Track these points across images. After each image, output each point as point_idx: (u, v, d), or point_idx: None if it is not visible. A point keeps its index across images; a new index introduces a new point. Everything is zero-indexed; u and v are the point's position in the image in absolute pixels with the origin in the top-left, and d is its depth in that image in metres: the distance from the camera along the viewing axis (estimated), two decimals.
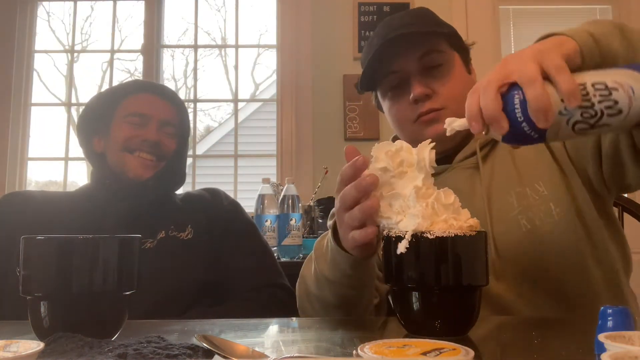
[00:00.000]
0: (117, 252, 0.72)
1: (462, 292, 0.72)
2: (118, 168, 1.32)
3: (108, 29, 3.31)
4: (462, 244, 0.70)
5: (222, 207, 1.37)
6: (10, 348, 0.52)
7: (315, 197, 2.52)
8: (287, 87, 3.04)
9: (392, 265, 0.73)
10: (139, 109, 1.34)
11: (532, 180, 1.05)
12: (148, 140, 1.30)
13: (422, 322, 0.72)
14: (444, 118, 0.90)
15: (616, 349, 0.48)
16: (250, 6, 3.50)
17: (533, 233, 1.01)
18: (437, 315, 0.71)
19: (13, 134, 3.03)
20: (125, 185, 1.29)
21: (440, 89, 1.08)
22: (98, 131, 1.37)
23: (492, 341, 0.79)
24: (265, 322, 0.91)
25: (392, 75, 1.10)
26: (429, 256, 0.70)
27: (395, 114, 1.12)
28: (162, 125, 1.34)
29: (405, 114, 1.10)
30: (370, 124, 2.92)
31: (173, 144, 1.36)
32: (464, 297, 0.72)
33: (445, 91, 1.08)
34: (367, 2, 3.01)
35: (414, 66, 1.09)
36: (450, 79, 1.10)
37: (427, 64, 1.09)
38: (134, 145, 1.31)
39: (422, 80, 1.08)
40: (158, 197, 1.31)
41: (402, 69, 1.09)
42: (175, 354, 0.57)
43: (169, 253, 1.25)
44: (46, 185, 4.41)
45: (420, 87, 1.07)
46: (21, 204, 1.30)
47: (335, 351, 0.67)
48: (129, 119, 1.33)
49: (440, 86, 1.08)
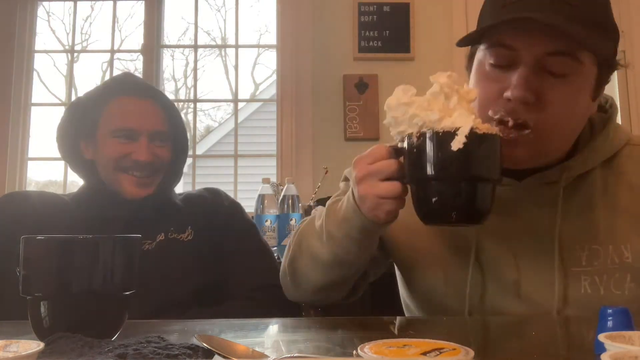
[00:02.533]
0: (117, 252, 0.72)
1: (494, 183, 0.79)
2: (113, 186, 1.27)
3: (108, 29, 3.32)
4: (498, 143, 0.77)
5: (222, 207, 1.36)
6: (10, 348, 0.53)
7: (315, 197, 2.52)
8: (287, 87, 3.04)
9: (444, 159, 0.76)
10: (125, 122, 1.25)
11: (620, 240, 0.90)
12: (140, 161, 1.24)
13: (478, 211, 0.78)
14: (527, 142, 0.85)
15: (616, 349, 0.48)
16: (250, 6, 3.50)
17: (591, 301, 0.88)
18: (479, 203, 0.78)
19: (13, 134, 3.03)
20: (123, 201, 1.26)
21: (547, 98, 0.85)
22: (84, 135, 1.30)
23: (492, 341, 0.79)
24: (265, 322, 0.91)
25: (503, 48, 0.86)
26: (482, 151, 0.75)
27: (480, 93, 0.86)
28: (153, 138, 1.26)
29: (488, 101, 0.87)
30: (370, 124, 2.92)
31: (167, 153, 1.29)
32: (489, 188, 0.78)
33: (552, 108, 0.85)
34: (367, 2, 3.01)
35: (532, 57, 0.84)
36: (567, 96, 0.86)
37: (550, 66, 0.85)
38: (126, 165, 1.25)
39: (533, 79, 0.84)
40: (157, 203, 1.30)
41: (520, 53, 0.85)
42: (175, 354, 0.57)
43: (169, 256, 1.24)
44: (46, 185, 4.41)
45: (524, 89, 0.83)
46: (21, 204, 1.30)
47: (335, 351, 0.67)
48: (116, 135, 1.25)
49: (548, 95, 0.84)
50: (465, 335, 0.80)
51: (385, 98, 0.81)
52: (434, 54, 2.98)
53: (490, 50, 0.88)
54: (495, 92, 0.87)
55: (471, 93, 0.80)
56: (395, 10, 3.01)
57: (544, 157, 0.92)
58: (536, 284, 0.92)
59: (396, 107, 0.79)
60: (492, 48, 0.88)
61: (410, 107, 0.77)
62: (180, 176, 1.39)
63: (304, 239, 0.97)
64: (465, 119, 0.74)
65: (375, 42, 2.99)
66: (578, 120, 0.91)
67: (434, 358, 0.48)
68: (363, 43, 2.99)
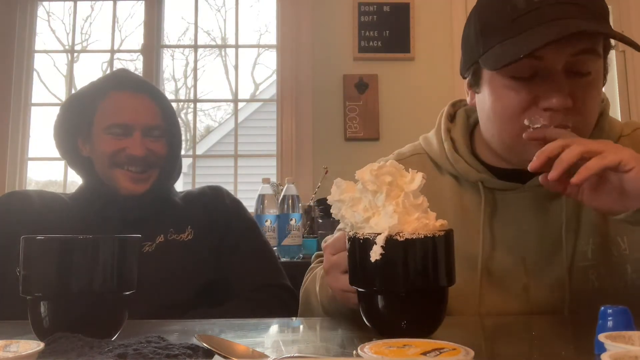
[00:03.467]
0: (117, 252, 0.72)
1: (437, 293, 0.69)
2: (110, 182, 1.26)
3: (108, 29, 3.32)
4: (439, 245, 0.67)
5: (223, 205, 1.36)
6: (10, 348, 0.53)
7: (315, 197, 2.53)
8: (287, 87, 3.04)
9: (363, 268, 0.69)
10: (118, 118, 1.25)
11: (616, 232, 0.92)
12: (134, 156, 1.24)
13: (391, 323, 0.69)
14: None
15: (616, 349, 0.48)
16: (250, 6, 3.51)
17: (598, 295, 0.90)
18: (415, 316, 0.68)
19: (13, 134, 3.03)
20: (121, 199, 1.26)
21: (581, 104, 0.85)
22: (81, 133, 1.30)
23: (492, 341, 0.79)
24: (265, 322, 0.91)
25: (532, 60, 0.84)
26: (403, 260, 0.66)
27: (502, 110, 0.88)
28: (147, 132, 1.26)
29: (518, 114, 0.86)
30: (370, 124, 2.92)
31: (162, 147, 1.29)
32: (436, 298, 0.69)
33: (583, 109, 0.86)
34: (367, 2, 3.01)
35: (562, 62, 0.84)
36: (593, 96, 0.88)
37: (575, 66, 0.85)
38: (121, 160, 1.25)
39: (566, 84, 0.84)
40: (156, 201, 1.29)
41: (549, 60, 0.84)
42: (175, 354, 0.58)
43: (168, 257, 1.23)
44: (46, 185, 4.41)
45: (565, 94, 0.83)
46: (21, 204, 1.30)
47: (335, 351, 0.67)
48: (111, 131, 1.25)
49: (579, 99, 0.85)
50: (465, 335, 0.80)
51: (385, 98, 0.80)
52: (434, 54, 2.98)
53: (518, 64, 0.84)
54: (525, 103, 0.86)
55: (415, 180, 0.70)
56: (395, 10, 3.01)
57: None
58: (545, 286, 0.93)
59: (333, 204, 0.74)
60: (517, 60, 0.83)
61: (342, 205, 0.72)
62: (178, 172, 1.37)
63: (308, 297, 0.98)
64: (388, 221, 0.66)
65: (375, 42, 2.99)
66: (597, 114, 0.94)
67: (434, 358, 0.48)
68: (363, 43, 2.99)
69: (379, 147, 2.87)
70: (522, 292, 0.94)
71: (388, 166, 0.71)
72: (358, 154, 2.88)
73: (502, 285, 0.95)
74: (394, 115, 2.90)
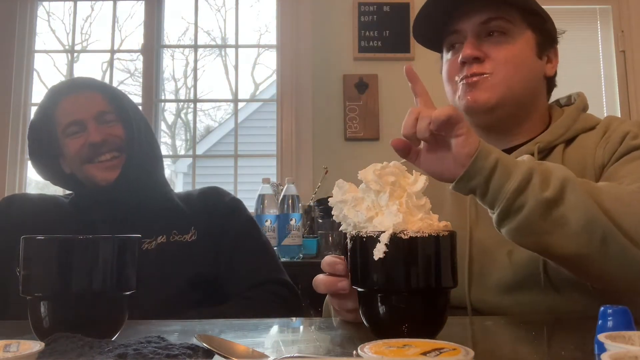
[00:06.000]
0: (117, 252, 0.72)
1: (441, 294, 0.68)
2: (88, 181, 1.30)
3: (108, 29, 3.31)
4: (444, 244, 0.67)
5: (223, 203, 1.37)
6: (10, 348, 0.52)
7: (315, 197, 2.53)
8: (287, 87, 3.04)
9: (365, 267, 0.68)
10: (69, 117, 1.29)
11: None
12: (94, 143, 1.26)
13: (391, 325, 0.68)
14: (487, 85, 1.02)
15: (616, 349, 0.48)
16: (250, 6, 3.50)
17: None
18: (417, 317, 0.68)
19: (13, 134, 3.03)
20: (104, 193, 1.27)
21: (493, 54, 1.03)
22: (59, 153, 1.34)
23: (492, 341, 0.79)
24: (265, 322, 0.91)
25: (453, 35, 1.08)
26: (408, 258, 0.65)
27: (445, 74, 1.11)
28: (98, 119, 1.29)
29: (452, 74, 1.07)
30: (370, 124, 2.92)
31: (119, 129, 1.30)
32: (439, 300, 0.69)
33: (498, 57, 1.03)
34: (367, 2, 3.01)
35: (473, 29, 1.05)
36: (508, 48, 1.04)
37: (488, 29, 1.05)
38: (87, 154, 1.27)
39: (476, 43, 1.04)
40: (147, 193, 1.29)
41: (463, 30, 1.06)
42: (175, 354, 0.58)
43: (170, 257, 1.24)
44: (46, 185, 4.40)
45: (471, 48, 1.03)
46: (20, 206, 1.31)
47: (335, 351, 0.67)
48: (68, 132, 1.29)
49: (493, 51, 1.03)
50: (465, 335, 0.80)
51: (385, 98, 0.82)
52: (434, 54, 2.95)
53: (445, 40, 1.10)
54: (455, 64, 1.06)
55: (418, 182, 0.71)
56: (395, 10, 3.01)
57: (509, 101, 1.03)
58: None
59: (335, 205, 0.74)
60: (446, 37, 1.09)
61: (344, 206, 0.72)
62: (156, 159, 1.36)
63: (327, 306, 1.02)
64: (392, 220, 0.66)
65: (375, 42, 2.99)
66: (529, 71, 1.06)
67: (434, 358, 0.48)
68: (363, 43, 2.99)
69: (379, 147, 2.87)
70: (506, 257, 0.99)
71: (391, 166, 0.71)
72: (358, 154, 2.88)
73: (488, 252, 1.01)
74: (394, 115, 2.90)
